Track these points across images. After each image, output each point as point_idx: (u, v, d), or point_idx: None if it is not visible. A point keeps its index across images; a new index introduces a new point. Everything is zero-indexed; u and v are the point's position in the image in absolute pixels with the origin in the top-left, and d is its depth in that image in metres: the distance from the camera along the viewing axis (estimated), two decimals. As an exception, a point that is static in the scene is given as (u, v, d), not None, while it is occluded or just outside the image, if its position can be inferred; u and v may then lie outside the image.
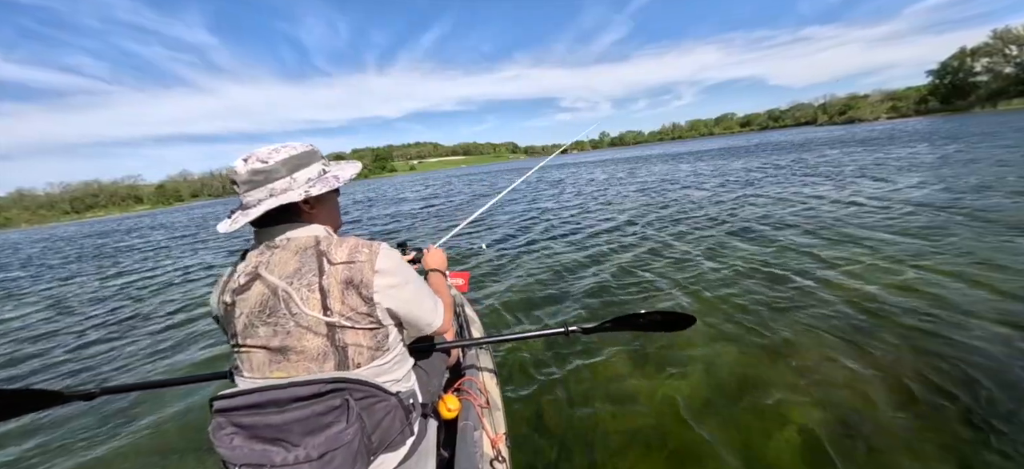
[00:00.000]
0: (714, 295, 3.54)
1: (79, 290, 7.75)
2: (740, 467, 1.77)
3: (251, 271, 0.93)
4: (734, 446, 1.88)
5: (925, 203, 5.96)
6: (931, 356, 2.35)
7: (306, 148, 1.01)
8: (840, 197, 7.24)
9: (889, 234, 4.67)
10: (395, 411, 0.99)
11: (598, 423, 2.12)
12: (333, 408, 0.86)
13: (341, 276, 0.91)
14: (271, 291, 0.90)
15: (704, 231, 5.98)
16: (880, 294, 3.16)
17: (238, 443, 0.84)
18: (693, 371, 2.46)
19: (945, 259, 3.72)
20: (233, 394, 0.87)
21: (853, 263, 3.88)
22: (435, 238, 2.97)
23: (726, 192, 9.70)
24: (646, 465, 1.85)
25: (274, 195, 0.94)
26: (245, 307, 0.92)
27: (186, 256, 10.42)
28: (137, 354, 3.86)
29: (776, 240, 4.98)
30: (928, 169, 9.30)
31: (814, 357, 2.47)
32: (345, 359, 0.92)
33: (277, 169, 0.94)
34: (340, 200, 1.16)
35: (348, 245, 0.96)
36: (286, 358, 0.89)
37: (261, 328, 0.90)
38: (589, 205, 10.31)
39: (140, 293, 6.69)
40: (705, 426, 2.01)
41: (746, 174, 13.05)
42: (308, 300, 0.89)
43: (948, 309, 2.82)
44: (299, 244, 0.95)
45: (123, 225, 35.50)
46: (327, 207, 1.06)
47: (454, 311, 1.93)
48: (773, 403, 2.11)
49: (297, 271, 0.91)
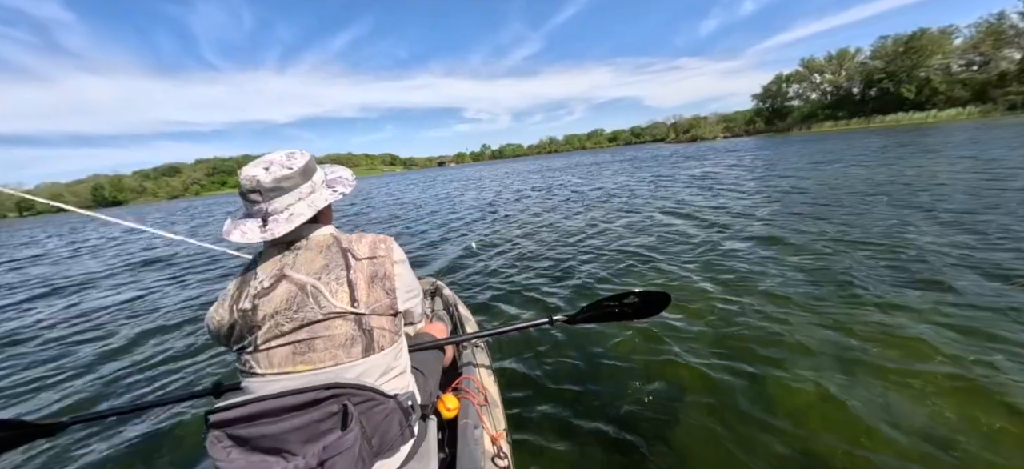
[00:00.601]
0: (689, 279, 3.89)
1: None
2: (735, 447, 1.82)
3: (276, 273, 0.96)
4: (726, 425, 1.95)
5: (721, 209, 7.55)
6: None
7: (308, 155, 1.05)
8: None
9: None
10: (394, 414, 1.00)
11: (595, 410, 2.15)
12: (331, 414, 0.87)
13: (367, 271, 0.99)
14: (298, 288, 0.94)
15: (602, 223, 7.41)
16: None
17: (236, 456, 0.84)
18: (681, 351, 2.57)
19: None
20: (229, 406, 0.86)
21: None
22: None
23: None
24: (645, 448, 1.86)
25: (303, 199, 0.99)
26: (269, 307, 0.93)
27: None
28: (103, 379, 3.31)
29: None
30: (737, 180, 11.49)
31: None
32: (371, 342, 0.97)
33: (302, 173, 1.00)
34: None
35: (367, 241, 1.04)
36: (312, 348, 0.92)
37: (287, 324, 0.92)
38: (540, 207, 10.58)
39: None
40: (698, 406, 2.09)
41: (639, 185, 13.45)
42: (337, 293, 0.94)
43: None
44: (320, 242, 1.01)
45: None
46: (330, 207, 1.10)
47: (448, 310, 2.32)
48: (769, 381, 2.24)
49: (325, 267, 0.97)
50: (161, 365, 3.44)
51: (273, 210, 0.96)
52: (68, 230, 25.04)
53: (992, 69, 45.85)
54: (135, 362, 3.55)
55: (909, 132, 26.16)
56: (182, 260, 8.41)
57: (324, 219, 1.08)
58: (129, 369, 3.43)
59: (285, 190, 0.96)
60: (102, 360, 3.69)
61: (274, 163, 0.98)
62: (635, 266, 4.55)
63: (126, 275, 7.60)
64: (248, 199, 0.97)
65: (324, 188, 1.05)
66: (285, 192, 0.96)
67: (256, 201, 0.96)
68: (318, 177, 1.05)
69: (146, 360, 3.57)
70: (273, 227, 0.95)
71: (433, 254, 6.64)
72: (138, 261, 8.97)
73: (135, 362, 3.55)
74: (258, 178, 0.95)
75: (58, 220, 52.42)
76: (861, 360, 2.32)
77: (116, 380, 3.27)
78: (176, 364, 3.41)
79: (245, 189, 0.96)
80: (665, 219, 6.93)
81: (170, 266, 7.94)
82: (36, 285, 7.63)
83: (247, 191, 0.96)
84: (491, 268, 5.23)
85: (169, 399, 1.49)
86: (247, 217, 0.99)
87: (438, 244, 7.42)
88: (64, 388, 3.22)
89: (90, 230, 21.77)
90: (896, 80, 53.31)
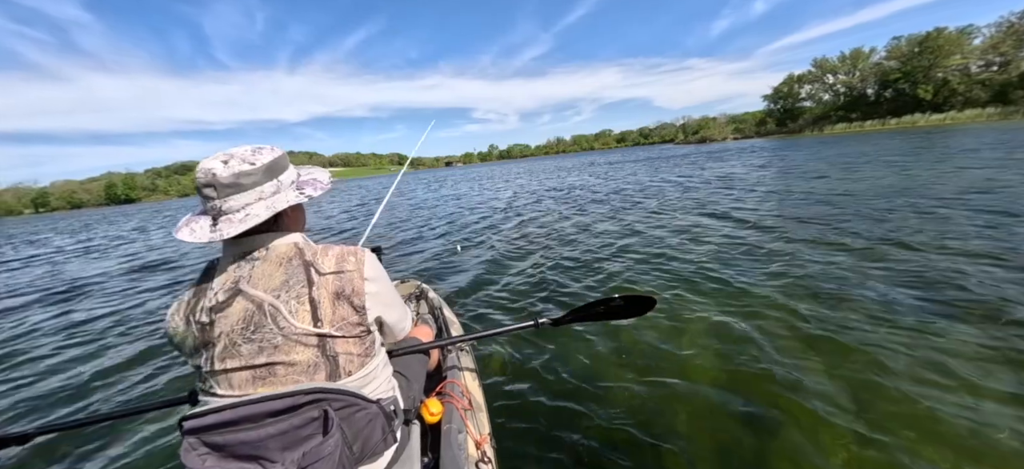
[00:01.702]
0: (674, 280, 3.87)
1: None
2: (717, 451, 1.81)
3: (230, 287, 0.87)
4: (708, 430, 1.93)
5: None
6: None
7: (279, 150, 0.96)
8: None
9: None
10: (376, 419, 0.96)
11: (580, 416, 2.12)
12: (311, 420, 0.83)
13: (331, 287, 0.89)
14: (255, 306, 0.86)
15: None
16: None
17: (211, 464, 0.80)
18: (671, 357, 2.54)
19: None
20: (205, 412, 0.81)
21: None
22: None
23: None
24: (629, 454, 1.84)
25: (263, 199, 0.89)
26: (225, 325, 0.85)
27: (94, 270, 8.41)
28: (71, 386, 3.14)
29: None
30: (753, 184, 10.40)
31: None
32: (336, 368, 0.90)
33: (261, 172, 0.89)
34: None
35: (334, 254, 0.94)
36: (273, 374, 0.85)
37: (244, 346, 0.85)
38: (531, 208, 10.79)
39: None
40: (687, 412, 2.06)
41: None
42: (297, 312, 0.86)
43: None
44: (280, 254, 0.91)
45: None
46: (301, 212, 1.04)
47: (433, 314, 2.25)
48: (745, 388, 2.19)
49: (284, 284, 0.87)
50: (138, 371, 3.26)
51: (227, 208, 0.86)
52: (81, 227, 25.19)
53: (1013, 70, 44.63)
54: (110, 368, 3.37)
55: (930, 134, 25.18)
56: (188, 262, 8.21)
57: (290, 225, 0.97)
58: (105, 376, 3.25)
59: (243, 188, 0.86)
60: (80, 365, 3.52)
61: (235, 157, 0.87)
62: (700, 282, 3.82)
63: (123, 280, 7.33)
64: (203, 194, 0.87)
65: (292, 189, 0.94)
66: (243, 189, 0.86)
67: (210, 197, 0.86)
68: (287, 177, 0.94)
69: (124, 366, 3.40)
70: (223, 227, 0.85)
71: (427, 256, 6.38)
72: (139, 264, 8.79)
73: (110, 368, 3.37)
74: (214, 171, 0.85)
75: (71, 216, 52.52)
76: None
77: (91, 387, 3.10)
78: (154, 371, 3.24)
79: (200, 183, 0.86)
80: (716, 224, 6.13)
81: (171, 270, 7.73)
82: (30, 289, 7.43)
83: (202, 185, 0.86)
84: (507, 281, 4.64)
85: (145, 407, 1.39)
86: (202, 214, 0.90)
87: (445, 253, 6.87)
88: (37, 395, 3.05)
89: (99, 228, 21.84)
90: (912, 81, 52.17)
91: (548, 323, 1.65)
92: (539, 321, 1.66)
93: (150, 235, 15.40)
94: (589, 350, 2.72)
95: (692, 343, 2.68)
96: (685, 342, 2.70)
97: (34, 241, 18.06)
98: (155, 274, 7.46)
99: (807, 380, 2.19)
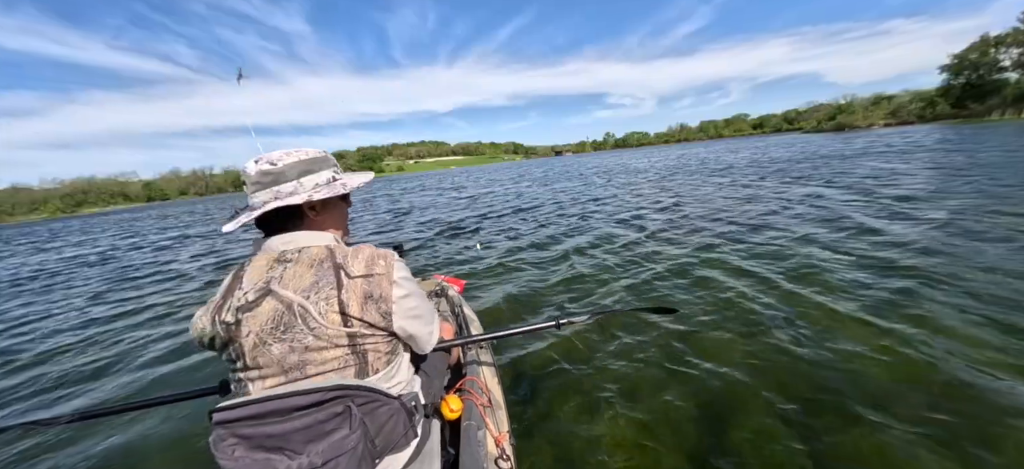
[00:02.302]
0: (706, 292, 3.45)
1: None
2: (743, 457, 1.74)
3: (261, 287, 0.89)
4: (736, 435, 1.84)
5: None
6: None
7: (318, 154, 1.00)
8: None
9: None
10: (398, 414, 0.98)
11: (599, 416, 2.08)
12: (335, 415, 0.85)
13: (361, 290, 0.90)
14: (285, 306, 0.87)
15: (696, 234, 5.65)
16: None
17: (240, 454, 0.83)
18: (691, 363, 2.42)
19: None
20: (234, 405, 0.84)
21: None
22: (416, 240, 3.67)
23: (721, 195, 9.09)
24: (649, 457, 1.80)
25: (279, 198, 0.93)
26: (255, 325, 0.87)
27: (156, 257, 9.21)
28: (108, 372, 3.33)
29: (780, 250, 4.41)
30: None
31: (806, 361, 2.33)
32: (365, 365, 0.92)
33: (285, 172, 0.94)
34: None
35: (364, 257, 0.95)
36: (303, 373, 0.88)
37: (275, 346, 0.87)
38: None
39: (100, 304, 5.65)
40: (704, 416, 1.99)
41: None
42: (326, 314, 0.87)
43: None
44: (312, 256, 0.93)
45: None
46: (335, 214, 1.05)
47: (454, 311, 2.25)
48: (770, 396, 2.07)
49: (314, 285, 0.89)
50: (172, 360, 3.41)
51: (252, 203, 0.95)
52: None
53: None
54: (151, 358, 3.53)
55: None
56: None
57: (322, 225, 1.01)
58: (143, 363, 3.44)
59: (264, 185, 0.94)
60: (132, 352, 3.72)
61: (265, 158, 0.95)
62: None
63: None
64: (245, 189, 0.97)
65: (312, 190, 0.96)
66: (264, 187, 0.94)
67: (245, 192, 0.96)
68: (311, 180, 0.97)
69: (160, 354, 3.57)
70: (241, 216, 0.95)
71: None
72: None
73: (151, 358, 3.53)
74: (247, 169, 0.95)
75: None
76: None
77: (129, 374, 3.26)
78: (187, 359, 3.38)
79: (242, 180, 0.96)
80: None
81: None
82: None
83: (242, 183, 0.96)
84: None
85: (178, 397, 1.45)
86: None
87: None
88: (77, 380, 3.25)
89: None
90: None
91: (569, 323, 1.67)
92: (560, 321, 1.66)
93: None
94: (610, 351, 2.66)
95: (718, 351, 2.53)
96: (710, 350, 2.55)
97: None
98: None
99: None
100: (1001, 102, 46.06)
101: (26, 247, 16.98)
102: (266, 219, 0.95)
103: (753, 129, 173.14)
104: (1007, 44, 49.75)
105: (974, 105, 49.16)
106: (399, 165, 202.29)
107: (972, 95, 51.01)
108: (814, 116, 79.90)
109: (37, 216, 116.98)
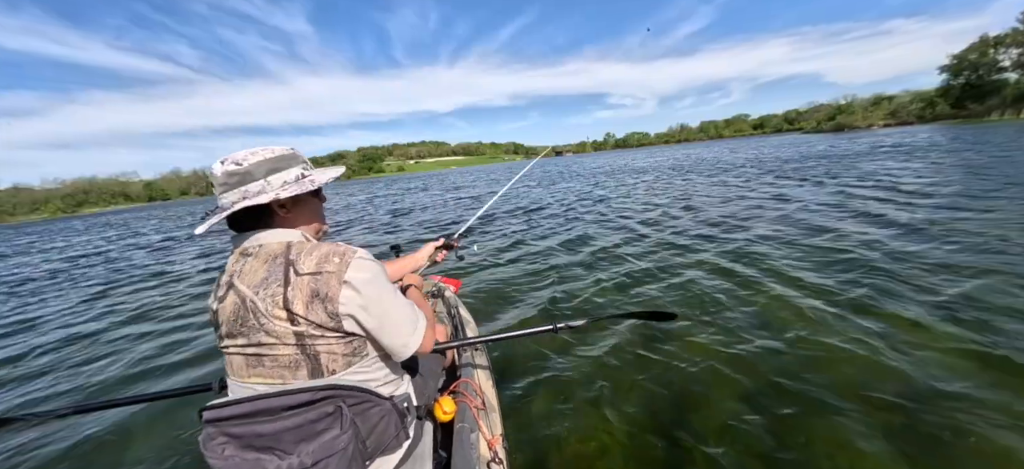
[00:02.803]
0: (702, 297, 3.48)
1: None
2: (734, 461, 1.74)
3: (227, 281, 0.92)
4: (731, 442, 1.85)
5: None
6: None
7: (285, 151, 0.98)
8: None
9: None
10: (389, 415, 0.98)
11: (594, 421, 2.09)
12: (326, 415, 0.85)
13: (307, 288, 0.87)
14: (241, 301, 0.88)
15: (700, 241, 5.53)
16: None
17: (230, 453, 0.83)
18: (688, 370, 2.43)
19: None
20: (223, 404, 0.85)
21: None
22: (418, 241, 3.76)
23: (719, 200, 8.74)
24: (641, 460, 1.82)
25: (247, 198, 0.91)
26: (224, 315, 0.91)
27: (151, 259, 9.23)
28: (105, 369, 3.36)
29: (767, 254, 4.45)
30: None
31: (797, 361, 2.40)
32: (318, 366, 0.89)
33: (252, 171, 0.92)
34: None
35: (318, 254, 0.90)
36: (261, 364, 0.88)
37: (239, 338, 0.89)
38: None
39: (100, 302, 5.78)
40: (700, 422, 1.99)
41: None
42: (272, 311, 0.86)
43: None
44: (269, 252, 0.92)
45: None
46: (306, 211, 1.02)
47: (449, 312, 2.26)
48: (764, 399, 2.10)
49: (264, 281, 0.88)
50: (166, 356, 3.45)
51: (222, 204, 0.93)
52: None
53: None
54: (144, 352, 3.59)
55: None
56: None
57: (292, 222, 0.98)
58: (139, 358, 3.49)
59: (231, 186, 0.92)
60: (124, 347, 3.78)
61: (231, 158, 0.93)
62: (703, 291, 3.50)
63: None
64: (214, 191, 0.95)
65: (280, 188, 0.93)
66: (231, 187, 0.92)
67: (215, 194, 0.95)
68: (278, 178, 0.94)
69: (153, 349, 3.63)
70: (210, 218, 0.93)
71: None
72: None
73: (144, 352, 3.59)
74: (214, 170, 0.93)
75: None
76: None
77: (124, 369, 3.30)
78: (181, 355, 3.42)
79: (209, 182, 0.95)
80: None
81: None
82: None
83: (210, 185, 0.95)
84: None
85: (171, 393, 1.43)
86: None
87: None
88: (67, 375, 3.30)
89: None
90: None
91: (566, 328, 1.65)
92: (557, 326, 1.64)
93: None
94: (606, 357, 2.66)
95: (711, 357, 2.53)
96: (703, 356, 2.56)
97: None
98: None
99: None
100: (1000, 102, 46.11)
101: (25, 244, 17.25)
102: (237, 219, 0.94)
103: (754, 129, 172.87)
104: (1006, 44, 49.86)
105: (973, 105, 49.30)
106: (399, 165, 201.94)
107: (971, 95, 51.14)
108: (814, 116, 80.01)
109: (38, 216, 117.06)
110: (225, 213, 0.91)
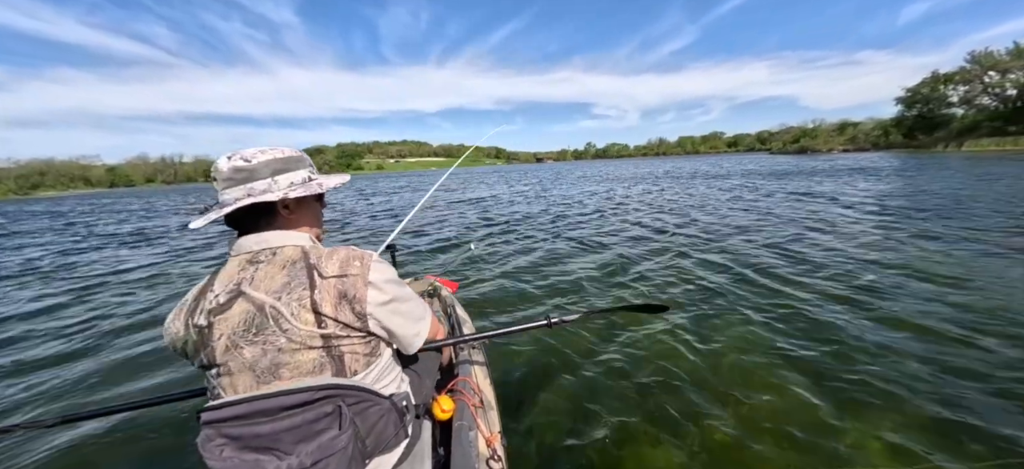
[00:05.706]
0: (696, 289, 3.79)
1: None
2: (737, 454, 1.80)
3: (232, 289, 0.88)
4: (723, 433, 1.90)
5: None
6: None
7: (293, 153, 0.98)
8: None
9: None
10: (388, 414, 0.98)
11: (591, 416, 2.13)
12: (325, 415, 0.85)
13: (334, 290, 0.88)
14: (257, 308, 0.86)
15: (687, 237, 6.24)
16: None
17: (228, 454, 0.82)
18: (683, 360, 2.53)
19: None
20: (221, 405, 0.83)
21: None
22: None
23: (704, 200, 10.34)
24: (640, 456, 1.86)
25: (253, 195, 0.90)
26: (226, 328, 0.86)
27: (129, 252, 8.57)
28: (92, 375, 3.13)
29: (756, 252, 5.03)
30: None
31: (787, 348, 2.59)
32: (342, 367, 0.90)
33: (259, 170, 0.92)
34: None
35: (339, 257, 0.93)
36: (277, 376, 0.86)
37: (247, 348, 0.85)
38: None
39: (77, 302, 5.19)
40: (697, 413, 2.05)
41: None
42: (299, 315, 0.85)
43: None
44: (285, 257, 0.91)
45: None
46: (309, 214, 1.03)
47: (446, 311, 2.27)
48: (757, 387, 2.21)
49: (286, 285, 0.87)
50: (159, 361, 3.24)
51: (222, 200, 0.92)
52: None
53: None
54: (132, 358, 3.36)
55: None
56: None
57: (296, 224, 0.99)
58: (127, 364, 3.28)
59: (236, 182, 0.91)
60: (108, 352, 3.52)
61: (238, 154, 0.93)
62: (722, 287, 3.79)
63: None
64: (214, 185, 0.94)
65: (287, 189, 0.94)
66: (236, 184, 0.91)
67: (215, 188, 0.94)
68: (286, 179, 0.95)
69: (147, 355, 3.39)
70: (211, 213, 0.92)
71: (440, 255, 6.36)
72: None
73: (132, 358, 3.36)
74: (218, 166, 0.92)
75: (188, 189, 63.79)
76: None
77: (111, 375, 3.10)
78: (173, 361, 3.16)
79: (212, 176, 0.94)
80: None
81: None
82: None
83: (212, 179, 0.94)
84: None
85: (164, 399, 1.41)
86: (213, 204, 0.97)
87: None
88: (63, 382, 3.05)
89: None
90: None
91: (560, 322, 1.67)
92: (552, 320, 1.66)
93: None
94: (602, 351, 2.73)
95: (709, 350, 2.64)
96: (702, 348, 2.65)
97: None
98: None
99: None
100: (946, 135, 49.79)
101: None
102: (237, 217, 0.93)
103: (728, 147, 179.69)
104: (955, 81, 53.83)
105: (923, 136, 52.90)
106: (379, 163, 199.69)
107: (922, 127, 54.95)
108: (782, 138, 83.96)
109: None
110: (227, 209, 0.90)
